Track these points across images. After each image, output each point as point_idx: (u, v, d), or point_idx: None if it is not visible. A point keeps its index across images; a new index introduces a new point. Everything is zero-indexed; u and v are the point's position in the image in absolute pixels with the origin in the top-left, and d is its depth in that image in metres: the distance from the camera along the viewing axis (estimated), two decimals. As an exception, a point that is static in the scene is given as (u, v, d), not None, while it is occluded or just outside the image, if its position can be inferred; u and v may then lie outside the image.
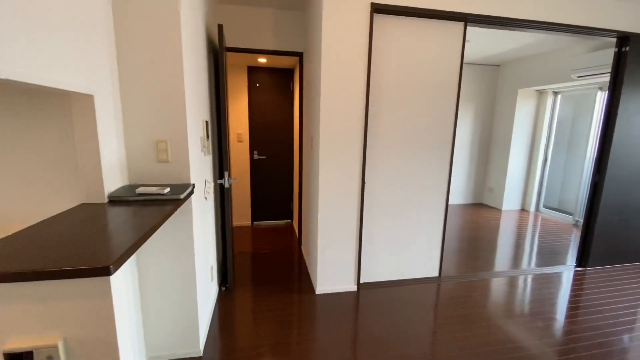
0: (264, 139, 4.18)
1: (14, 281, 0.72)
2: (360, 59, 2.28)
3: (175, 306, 1.75)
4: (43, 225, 1.04)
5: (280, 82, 4.08)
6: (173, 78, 1.55)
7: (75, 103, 1.25)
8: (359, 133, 2.38)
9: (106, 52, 1.39)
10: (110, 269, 0.76)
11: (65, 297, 0.76)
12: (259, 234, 4.02)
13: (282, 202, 4.40)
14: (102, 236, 0.95)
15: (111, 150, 1.41)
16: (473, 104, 5.41)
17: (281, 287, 2.66)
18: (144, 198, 1.39)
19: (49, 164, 1.34)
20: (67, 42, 1.10)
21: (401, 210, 2.65)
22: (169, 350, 1.80)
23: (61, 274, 0.73)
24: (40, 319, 0.76)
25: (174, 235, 1.67)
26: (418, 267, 2.80)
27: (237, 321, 2.20)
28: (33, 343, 0.76)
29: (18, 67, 0.85)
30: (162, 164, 1.62)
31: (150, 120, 1.57)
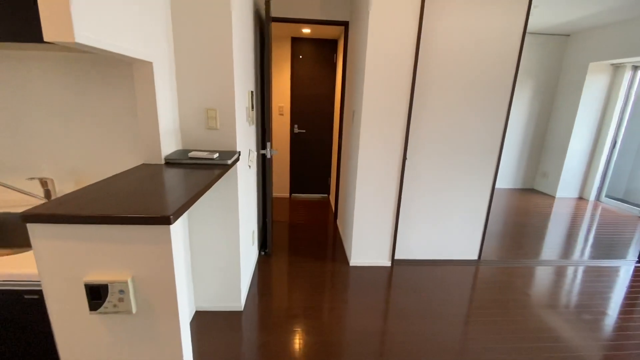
0: (305, 112, 4.19)
1: (93, 223, 0.84)
2: (409, 29, 2.16)
3: (220, 263, 1.90)
4: (112, 180, 1.17)
5: (323, 53, 4.01)
6: (223, 49, 1.60)
7: (137, 70, 1.35)
8: (403, 108, 2.30)
9: (163, 22, 1.46)
10: (171, 218, 0.85)
11: (133, 240, 0.86)
12: (296, 205, 4.15)
13: (319, 176, 4.45)
14: (161, 192, 1.05)
15: (167, 116, 1.52)
16: (532, 79, 4.91)
17: (316, 256, 2.76)
18: (195, 161, 1.50)
19: (117, 127, 1.48)
20: (132, 13, 1.17)
21: (443, 189, 2.57)
22: (214, 303, 1.98)
23: (131, 220, 0.84)
24: (114, 258, 0.88)
25: (221, 198, 1.79)
26: (456, 248, 2.74)
27: (274, 283, 2.35)
28: (108, 278, 0.88)
29: (92, 34, 0.93)
30: (211, 131, 1.71)
31: (201, 89, 1.65)
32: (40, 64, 1.38)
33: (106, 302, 0.89)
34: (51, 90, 1.41)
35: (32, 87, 1.40)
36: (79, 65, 1.41)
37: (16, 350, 1.00)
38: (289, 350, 1.72)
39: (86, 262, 0.88)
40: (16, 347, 0.99)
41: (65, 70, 1.40)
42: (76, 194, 0.99)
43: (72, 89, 1.42)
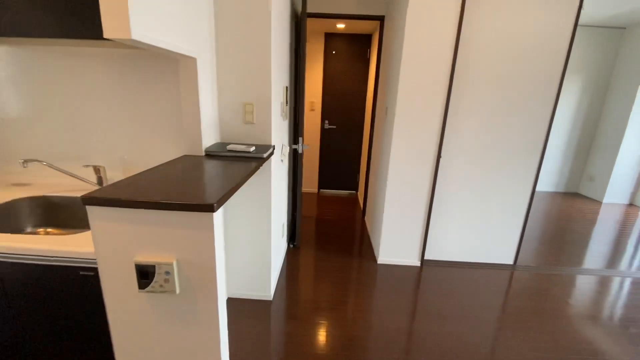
0: (336, 108, 4.19)
1: (144, 208, 0.90)
2: (449, 23, 2.09)
3: (252, 253, 1.96)
4: (158, 169, 1.25)
5: (357, 48, 3.97)
6: (261, 45, 1.64)
7: (182, 65, 1.42)
8: (439, 104, 2.23)
9: (207, 19, 1.53)
10: (214, 206, 0.89)
11: (179, 226, 0.92)
12: (324, 201, 4.17)
13: (348, 172, 4.44)
14: (203, 181, 1.10)
15: (208, 110, 1.59)
16: (581, 75, 4.57)
17: (343, 252, 2.77)
18: (233, 154, 1.56)
19: (161, 119, 1.57)
20: (181, 11, 1.23)
21: (479, 189, 2.48)
22: (245, 291, 2.06)
23: (178, 206, 0.89)
24: (161, 241, 0.94)
25: (254, 190, 1.85)
26: (491, 251, 2.63)
27: (301, 276, 2.39)
28: (156, 259, 0.95)
29: (146, 32, 1.00)
30: (248, 125, 1.76)
31: (239, 84, 1.70)
32: (96, 60, 1.49)
33: (153, 282, 0.96)
34: (104, 84, 1.52)
35: (88, 81, 1.52)
36: (128, 61, 1.50)
37: (70, 321, 1.10)
38: (315, 342, 1.75)
39: (137, 243, 0.95)
40: (71, 319, 1.09)
41: (117, 65, 1.50)
42: (128, 181, 1.06)
43: (122, 83, 1.52)
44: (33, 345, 1.13)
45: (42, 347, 1.13)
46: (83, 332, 1.11)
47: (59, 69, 1.50)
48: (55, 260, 1.02)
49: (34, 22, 1.05)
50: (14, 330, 1.11)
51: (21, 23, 1.05)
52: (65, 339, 1.12)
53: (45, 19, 1.05)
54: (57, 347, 1.13)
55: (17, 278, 1.04)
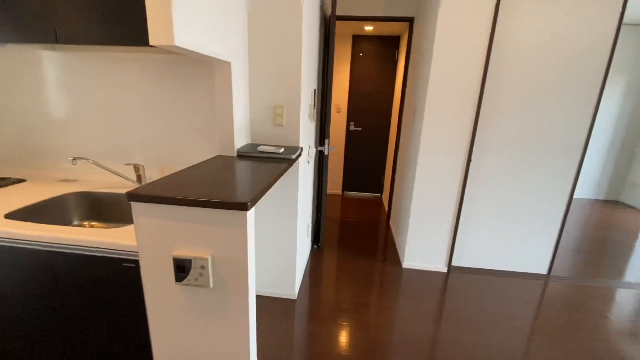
0: (362, 110, 4.18)
1: (183, 205, 0.95)
2: (482, 23, 2.04)
3: (278, 252, 2.01)
4: (193, 169, 1.31)
5: (385, 51, 3.95)
6: (293, 50, 1.68)
7: (217, 69, 1.48)
8: (470, 106, 2.18)
9: (241, 25, 1.58)
10: (248, 205, 0.93)
11: (215, 223, 0.97)
12: (348, 203, 4.17)
13: (373, 175, 4.42)
14: (236, 181, 1.14)
15: (240, 113, 1.64)
16: (625, 77, 4.29)
17: (367, 255, 2.76)
18: (263, 155, 1.60)
19: (196, 121, 1.64)
20: (218, 19, 1.29)
21: (512, 194, 2.39)
22: (270, 289, 2.10)
23: (214, 204, 0.93)
24: (197, 237, 0.99)
25: (282, 190, 1.89)
26: (523, 260, 2.52)
27: (325, 276, 2.40)
28: (192, 254, 1.00)
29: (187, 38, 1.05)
30: (277, 127, 1.81)
31: (270, 87, 1.75)
32: (137, 64, 1.59)
33: (189, 276, 1.01)
34: (144, 87, 1.62)
35: (130, 85, 1.62)
36: (167, 65, 1.59)
37: (112, 309, 1.17)
38: (337, 342, 1.76)
39: (175, 238, 1.00)
40: (112, 307, 1.17)
41: (156, 70, 1.59)
42: (166, 179, 1.13)
43: (161, 86, 1.61)
44: (79, 328, 1.22)
45: (85, 330, 1.22)
46: (122, 320, 1.18)
47: (104, 73, 1.61)
48: (101, 252, 1.10)
49: (88, 31, 1.14)
50: (64, 313, 1.20)
51: (77, 32, 1.15)
52: (106, 325, 1.20)
53: (97, 28, 1.14)
54: (99, 332, 1.21)
55: (66, 266, 1.13)
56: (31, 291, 1.18)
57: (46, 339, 1.25)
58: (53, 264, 1.13)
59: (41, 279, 1.16)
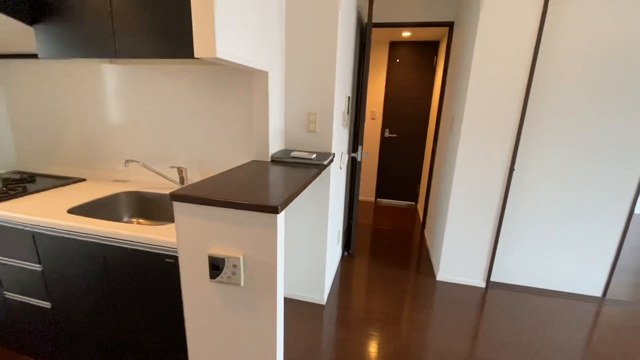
0: (398, 116, 4.12)
1: (219, 206, 1.01)
2: (528, 26, 1.93)
3: (308, 256, 2.03)
4: (230, 172, 1.38)
5: (423, 56, 3.87)
6: (327, 59, 1.72)
7: (255, 78, 1.56)
8: (513, 113, 2.06)
9: (278, 36, 1.65)
10: (278, 208, 0.96)
11: (247, 224, 1.01)
12: (381, 211, 4.11)
13: (408, 183, 4.31)
14: (269, 185, 1.19)
15: (275, 119, 1.70)
16: None
17: (399, 265, 2.69)
18: (296, 160, 1.64)
19: (234, 127, 1.73)
20: (257, 31, 1.36)
21: (561, 207, 2.21)
22: (299, 292, 2.13)
23: (247, 206, 0.98)
24: (231, 237, 1.04)
25: (313, 195, 1.92)
26: (573, 279, 2.32)
27: (355, 284, 2.38)
28: (226, 253, 1.05)
29: (228, 50, 1.13)
30: (310, 133, 1.85)
31: (305, 95, 1.80)
32: (182, 75, 1.72)
33: (222, 274, 1.06)
34: (189, 96, 1.74)
35: (177, 93, 1.75)
36: (209, 75, 1.69)
37: (153, 301, 1.26)
38: (366, 352, 1.73)
39: (211, 237, 1.06)
40: (154, 298, 1.26)
41: (199, 79, 1.70)
42: (206, 181, 1.20)
43: (203, 95, 1.72)
44: (125, 311, 1.32)
45: (130, 314, 1.32)
46: (161, 309, 1.26)
47: (155, 84, 1.75)
48: (145, 246, 1.19)
49: (142, 46, 1.26)
50: (113, 301, 1.32)
51: (133, 47, 1.27)
52: (147, 312, 1.29)
53: (150, 43, 1.25)
54: (141, 317, 1.31)
55: (115, 257, 1.24)
56: (87, 276, 1.31)
57: (98, 317, 1.38)
58: (104, 254, 1.25)
59: (94, 267, 1.28)
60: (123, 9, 1.25)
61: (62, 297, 1.38)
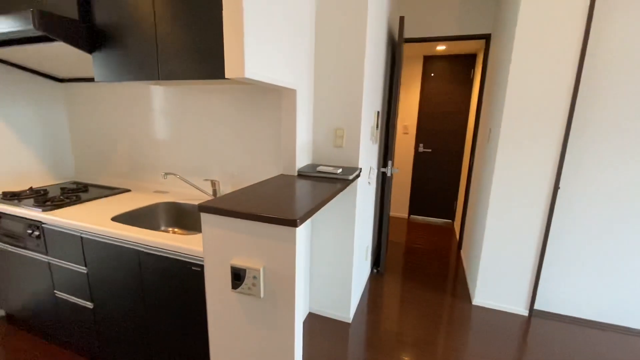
0: (432, 131, 4.01)
1: (240, 218, 1.05)
2: (571, 35, 1.82)
3: (334, 272, 2.01)
4: (257, 186, 1.43)
5: (458, 70, 3.77)
6: (355, 76, 1.74)
7: (284, 95, 1.62)
8: (557, 125, 1.92)
9: (308, 55, 1.71)
10: (297, 222, 0.97)
11: (267, 236, 1.03)
12: (414, 228, 3.96)
13: (444, 199, 4.14)
14: (292, 198, 1.21)
15: (303, 135, 1.75)
16: None
17: (432, 286, 2.56)
18: (321, 175, 1.66)
19: (264, 142, 1.80)
20: (285, 52, 1.43)
21: (616, 229, 1.99)
22: (325, 309, 2.10)
23: (267, 219, 1.00)
24: (252, 249, 1.07)
25: (340, 210, 1.91)
26: (632, 312, 2.04)
27: (384, 304, 2.30)
28: (247, 264, 1.08)
29: (256, 70, 1.19)
30: (337, 148, 1.86)
31: (332, 111, 1.83)
32: (218, 94, 1.83)
33: (243, 284, 1.08)
34: (223, 113, 1.84)
35: (213, 111, 1.86)
36: (242, 94, 1.79)
37: (179, 302, 1.32)
38: (393, 377, 1.65)
39: (234, 248, 1.10)
40: (180, 300, 1.32)
41: (232, 98, 1.80)
42: (233, 194, 1.25)
43: (236, 112, 1.82)
44: (155, 312, 1.39)
45: (159, 316, 1.39)
46: (187, 314, 1.31)
47: (194, 102, 1.89)
48: (174, 254, 1.26)
49: (181, 68, 1.37)
50: (145, 305, 1.39)
51: (173, 70, 1.39)
52: (174, 315, 1.35)
53: (188, 66, 1.36)
54: (169, 320, 1.37)
55: (149, 264, 1.32)
56: (123, 280, 1.41)
57: (131, 319, 1.46)
58: (139, 260, 1.34)
59: (130, 271, 1.38)
60: (166, 36, 1.37)
61: (102, 298, 1.49)
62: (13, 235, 1.66)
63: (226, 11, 1.11)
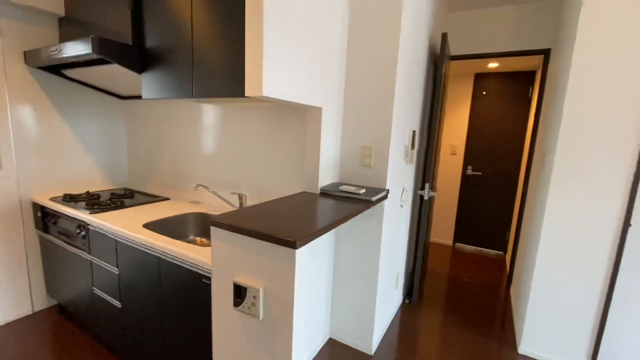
0: (483, 153, 3.71)
1: (242, 234, 1.04)
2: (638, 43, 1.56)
3: (356, 298, 1.90)
4: (274, 202, 1.42)
5: (514, 88, 3.47)
6: (385, 93, 1.68)
7: (309, 113, 1.62)
8: (625, 155, 1.63)
9: (337, 74, 1.70)
10: (297, 244, 0.93)
11: (267, 255, 1.01)
12: (459, 257, 3.64)
13: (495, 228, 3.75)
14: (306, 218, 1.18)
15: (328, 153, 1.72)
16: None
17: (473, 324, 2.28)
18: (344, 194, 1.60)
19: (291, 159, 1.81)
20: (308, 71, 1.43)
21: None
22: (346, 336, 1.98)
23: (266, 237, 0.98)
24: (253, 267, 1.05)
25: (365, 233, 1.82)
26: None
27: (414, 339, 2.10)
28: (248, 283, 1.06)
29: (275, 89, 1.21)
30: (365, 167, 1.79)
31: (361, 129, 1.78)
32: (251, 111, 1.90)
33: (244, 303, 1.06)
34: (254, 129, 1.90)
35: (244, 128, 1.93)
36: (272, 112, 1.83)
37: (190, 311, 1.34)
38: None
39: (237, 265, 1.09)
40: (190, 309, 1.33)
41: (264, 115, 1.85)
42: (248, 209, 1.26)
43: (267, 129, 1.86)
44: (171, 314, 1.43)
45: (174, 319, 1.42)
46: (196, 327, 1.33)
47: (230, 120, 1.98)
48: (188, 265, 1.29)
49: (212, 88, 1.45)
50: (164, 309, 1.44)
51: (204, 89, 1.47)
52: (186, 327, 1.37)
53: (217, 85, 1.43)
54: (184, 331, 1.39)
55: (167, 271, 1.37)
56: (146, 282, 1.48)
57: (151, 322, 1.52)
58: (160, 266, 1.40)
59: (152, 276, 1.45)
60: (200, 59, 1.47)
61: (129, 299, 1.59)
62: (67, 234, 1.87)
63: (248, 35, 1.15)
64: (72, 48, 1.56)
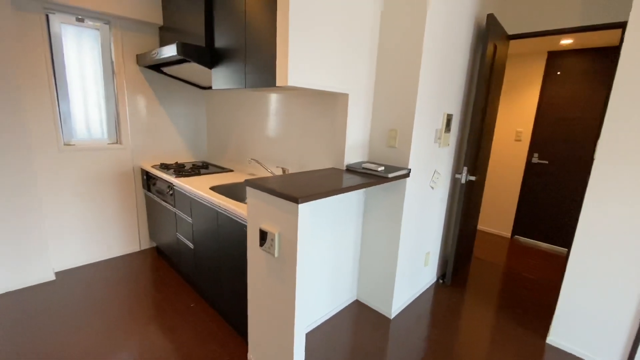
0: (552, 139, 3.39)
1: (266, 192, 1.38)
2: None
3: (380, 266, 2.12)
4: (302, 173, 1.73)
5: (594, 66, 3.07)
6: (409, 78, 1.82)
7: (337, 99, 1.86)
8: (684, 138, 1.47)
9: (368, 62, 1.89)
10: (299, 200, 1.23)
11: (282, 209, 1.33)
12: (516, 250, 3.46)
13: (560, 222, 3.44)
14: (320, 185, 1.46)
15: (356, 134, 1.94)
16: None
17: (506, 313, 2.29)
18: (364, 171, 1.82)
19: (324, 139, 2.08)
20: (335, 61, 1.67)
21: None
22: (370, 299, 2.23)
23: (280, 195, 1.30)
24: (273, 217, 1.38)
25: (388, 207, 2.01)
26: None
27: (437, 314, 2.22)
28: (268, 229, 1.40)
29: (300, 79, 1.49)
30: (390, 148, 1.97)
31: (388, 113, 1.95)
32: (294, 99, 2.21)
33: (266, 244, 1.41)
34: (297, 113, 2.22)
35: (290, 111, 2.27)
36: (311, 99, 2.11)
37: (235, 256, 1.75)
38: (411, 375, 1.67)
39: (262, 215, 1.44)
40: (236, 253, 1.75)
41: (304, 101, 2.15)
42: (276, 177, 1.60)
43: (306, 112, 2.15)
44: (225, 261, 1.89)
45: (227, 263, 1.87)
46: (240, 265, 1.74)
47: (281, 105, 2.34)
48: (235, 217, 1.70)
49: (256, 79, 1.80)
50: (221, 248, 1.91)
51: (252, 80, 1.83)
52: (235, 263, 1.80)
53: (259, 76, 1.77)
54: (232, 266, 1.83)
55: (222, 221, 1.82)
56: (208, 228, 1.96)
57: (212, 256, 2.02)
58: (218, 218, 1.85)
59: (213, 226, 1.91)
60: (250, 55, 1.83)
61: (198, 242, 2.11)
62: (161, 192, 2.50)
63: (278, 35, 1.45)
64: (165, 51, 2.09)
